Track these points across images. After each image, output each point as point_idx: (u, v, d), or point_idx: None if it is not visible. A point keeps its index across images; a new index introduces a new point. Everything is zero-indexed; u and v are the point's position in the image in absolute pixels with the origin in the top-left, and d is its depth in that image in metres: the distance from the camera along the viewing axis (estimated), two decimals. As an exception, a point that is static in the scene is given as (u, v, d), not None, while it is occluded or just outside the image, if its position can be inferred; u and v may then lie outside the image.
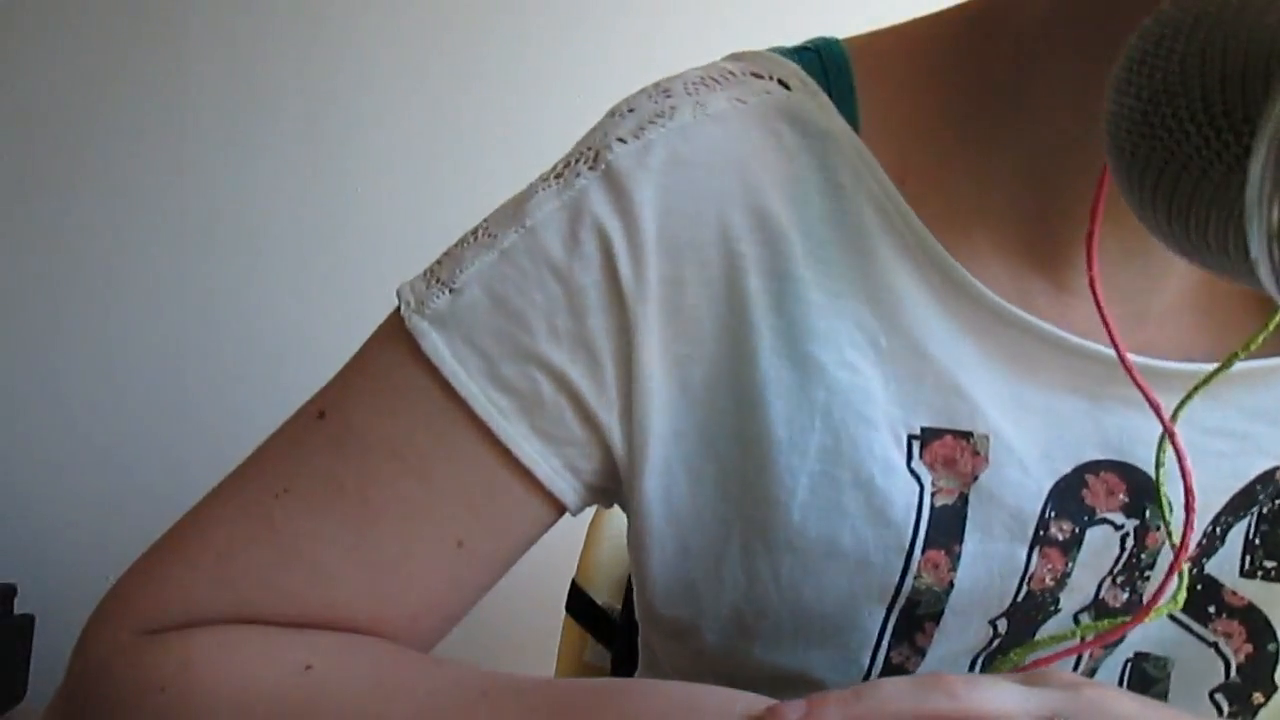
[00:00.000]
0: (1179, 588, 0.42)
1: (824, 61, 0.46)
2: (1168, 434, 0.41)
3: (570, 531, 0.56)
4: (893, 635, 0.45)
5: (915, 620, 0.44)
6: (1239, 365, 0.40)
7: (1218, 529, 0.45)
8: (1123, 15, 0.32)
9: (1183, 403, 0.41)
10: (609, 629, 0.80)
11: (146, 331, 1.63)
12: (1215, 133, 0.25)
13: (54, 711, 0.45)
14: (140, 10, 1.60)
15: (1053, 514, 0.44)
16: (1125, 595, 0.46)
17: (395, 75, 1.61)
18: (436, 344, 0.44)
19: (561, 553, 0.70)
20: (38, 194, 1.61)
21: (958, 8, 0.47)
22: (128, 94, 1.60)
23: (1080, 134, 0.41)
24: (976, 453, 0.43)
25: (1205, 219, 0.26)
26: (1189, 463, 0.41)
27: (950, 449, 0.43)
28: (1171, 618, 0.46)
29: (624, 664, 0.74)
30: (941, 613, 0.44)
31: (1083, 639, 0.44)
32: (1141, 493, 0.44)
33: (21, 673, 1.46)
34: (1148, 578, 0.45)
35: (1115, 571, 0.45)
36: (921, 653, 0.45)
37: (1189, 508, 0.41)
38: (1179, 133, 0.26)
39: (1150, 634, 0.46)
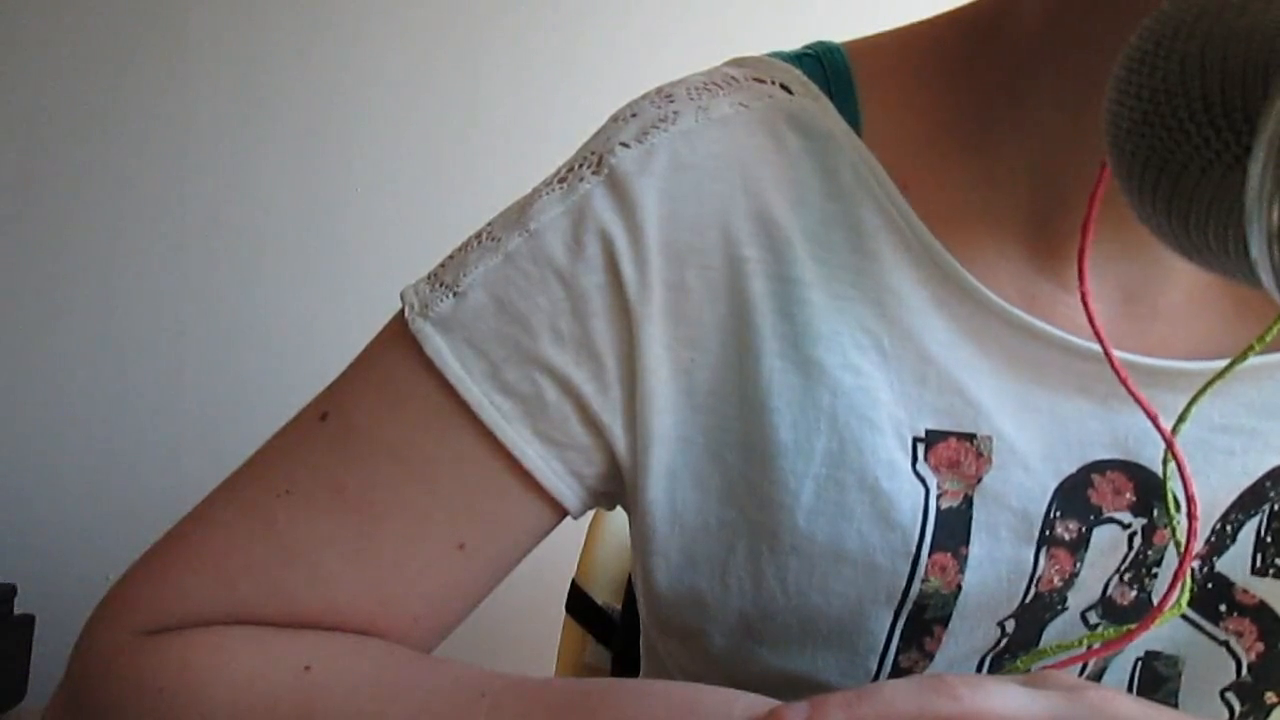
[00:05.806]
0: (1183, 592, 0.42)
1: (825, 66, 0.46)
2: (1167, 443, 0.41)
3: (570, 531, 0.56)
4: (901, 639, 0.45)
5: (923, 624, 0.44)
6: (1247, 361, 0.40)
7: (1228, 526, 0.45)
8: (1122, 15, 0.32)
9: (1187, 407, 0.41)
10: (609, 629, 0.80)
11: (146, 331, 1.63)
12: (1215, 133, 0.25)
13: (53, 711, 0.45)
14: (142, 9, 1.60)
15: (1058, 514, 0.44)
16: (1133, 593, 0.45)
17: (398, 75, 1.61)
18: (440, 347, 0.44)
19: (561, 553, 0.70)
20: (39, 194, 1.61)
21: (957, 10, 0.47)
22: (129, 93, 1.60)
23: (1080, 134, 0.41)
24: (980, 454, 0.43)
25: (1205, 219, 0.26)
26: (1189, 470, 0.41)
27: (954, 451, 0.43)
28: (1182, 616, 0.45)
29: (624, 664, 0.74)
30: (950, 616, 0.44)
31: (1090, 647, 0.44)
32: (1149, 492, 0.44)
33: (21, 673, 1.46)
34: (1155, 575, 0.45)
35: (1123, 570, 0.45)
36: (930, 656, 0.45)
37: (1191, 515, 0.41)
38: (1179, 132, 0.26)
39: (1161, 633, 0.46)
